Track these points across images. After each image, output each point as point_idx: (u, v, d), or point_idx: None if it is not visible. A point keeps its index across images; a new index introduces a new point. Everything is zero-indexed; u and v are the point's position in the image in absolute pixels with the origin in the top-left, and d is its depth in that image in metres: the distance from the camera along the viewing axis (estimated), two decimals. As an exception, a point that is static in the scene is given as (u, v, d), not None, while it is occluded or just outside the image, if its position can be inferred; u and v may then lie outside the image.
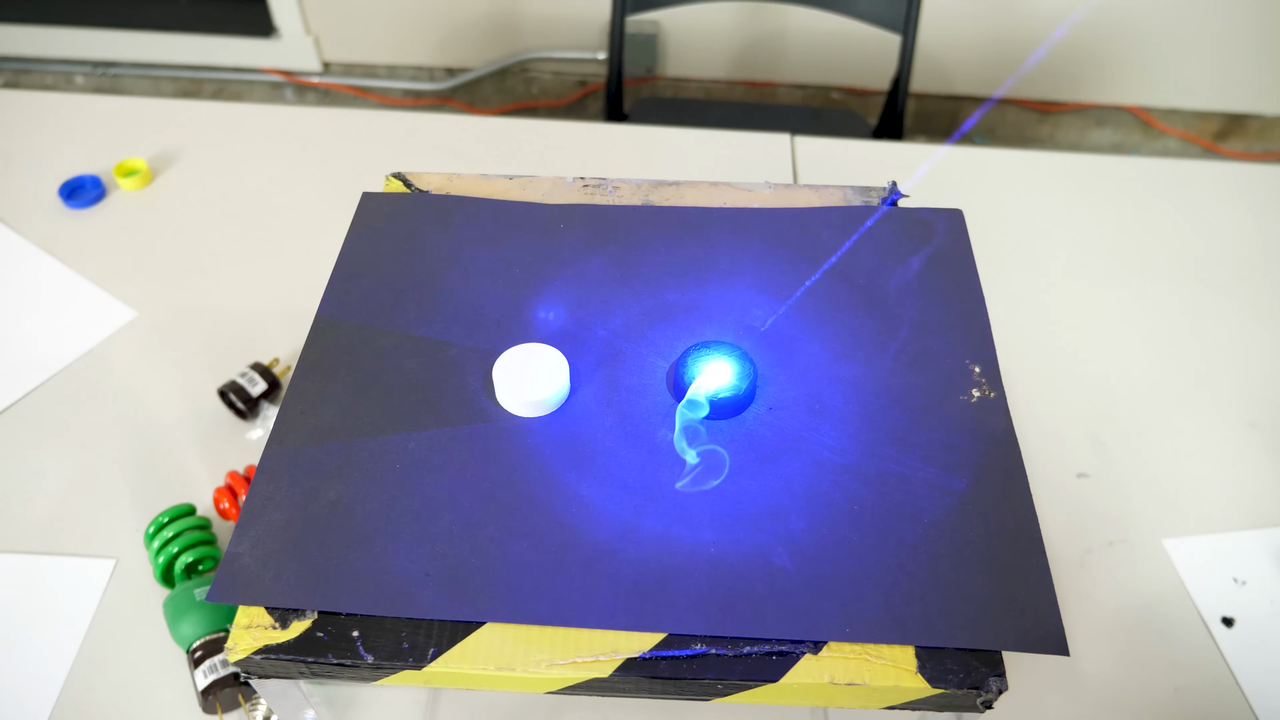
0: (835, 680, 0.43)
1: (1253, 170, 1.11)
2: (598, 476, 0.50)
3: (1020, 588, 0.46)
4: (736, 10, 2.05)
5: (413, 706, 0.69)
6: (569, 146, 1.13)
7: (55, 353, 0.90)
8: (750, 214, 0.64)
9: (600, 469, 0.50)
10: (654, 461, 0.50)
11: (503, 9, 2.12)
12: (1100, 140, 2.17)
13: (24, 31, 2.22)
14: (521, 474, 0.50)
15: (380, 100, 2.25)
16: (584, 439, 0.51)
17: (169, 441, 0.83)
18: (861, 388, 0.54)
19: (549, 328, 0.57)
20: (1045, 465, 0.82)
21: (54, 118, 1.15)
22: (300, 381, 0.54)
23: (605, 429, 0.52)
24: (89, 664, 0.70)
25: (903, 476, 0.50)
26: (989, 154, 1.14)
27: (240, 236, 1.02)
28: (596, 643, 0.44)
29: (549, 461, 0.50)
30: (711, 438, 0.51)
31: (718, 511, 0.48)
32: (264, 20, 2.18)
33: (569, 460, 0.50)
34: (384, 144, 1.13)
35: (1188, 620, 0.73)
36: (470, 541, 0.47)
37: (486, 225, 0.63)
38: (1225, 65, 2.05)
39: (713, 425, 0.52)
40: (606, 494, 0.49)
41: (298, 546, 0.47)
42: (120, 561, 0.75)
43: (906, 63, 1.38)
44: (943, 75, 2.12)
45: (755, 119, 1.62)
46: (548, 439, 0.51)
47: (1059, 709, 0.69)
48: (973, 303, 0.58)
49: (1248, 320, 0.95)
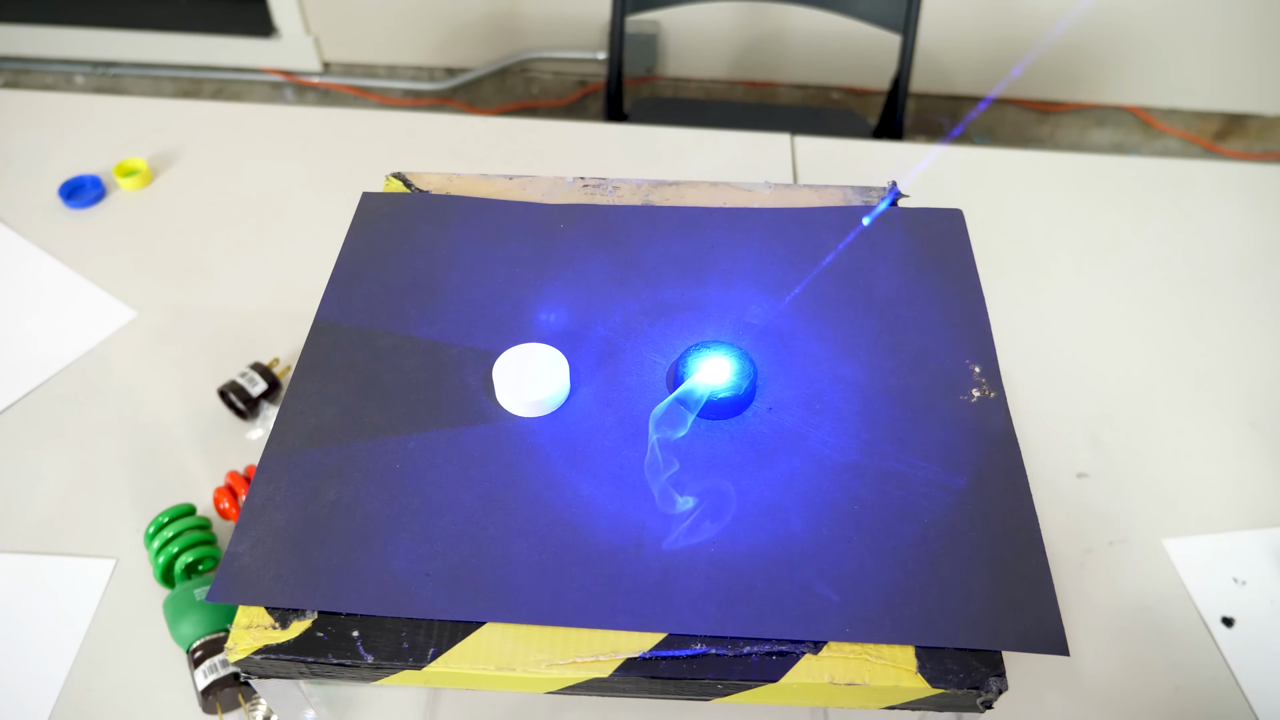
0: (835, 680, 0.43)
1: (1253, 170, 1.11)
2: (598, 476, 0.50)
3: (1020, 588, 0.46)
4: (736, 10, 2.05)
5: (413, 706, 0.69)
6: (569, 146, 1.13)
7: (55, 353, 0.90)
8: (750, 214, 0.64)
9: (600, 469, 0.50)
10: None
11: (503, 9, 2.12)
12: (1100, 140, 2.17)
13: (24, 31, 2.22)
14: (521, 474, 0.50)
15: (380, 100, 2.25)
16: (584, 439, 0.51)
17: (169, 441, 0.83)
18: (861, 387, 0.54)
19: (549, 328, 0.57)
20: (1045, 465, 0.82)
21: (54, 118, 1.15)
22: (300, 382, 0.54)
23: (605, 429, 0.52)
24: (89, 664, 0.70)
25: (903, 476, 0.50)
26: (989, 154, 1.14)
27: (240, 236, 1.02)
28: (596, 643, 0.44)
29: (549, 461, 0.50)
30: (711, 438, 0.51)
31: (718, 511, 0.48)
32: (264, 20, 2.18)
33: (569, 460, 0.50)
34: (384, 144, 1.13)
35: (1188, 620, 0.73)
36: (470, 541, 0.47)
37: (486, 225, 0.63)
38: (1225, 65, 2.05)
39: (713, 425, 0.52)
40: (606, 494, 0.49)
41: (298, 546, 0.47)
42: (120, 561, 0.75)
43: (906, 63, 1.38)
44: (943, 75, 2.12)
45: (755, 119, 1.62)
46: (548, 439, 0.51)
47: (1059, 709, 0.69)
48: (973, 303, 0.58)
49: (1248, 320, 0.95)
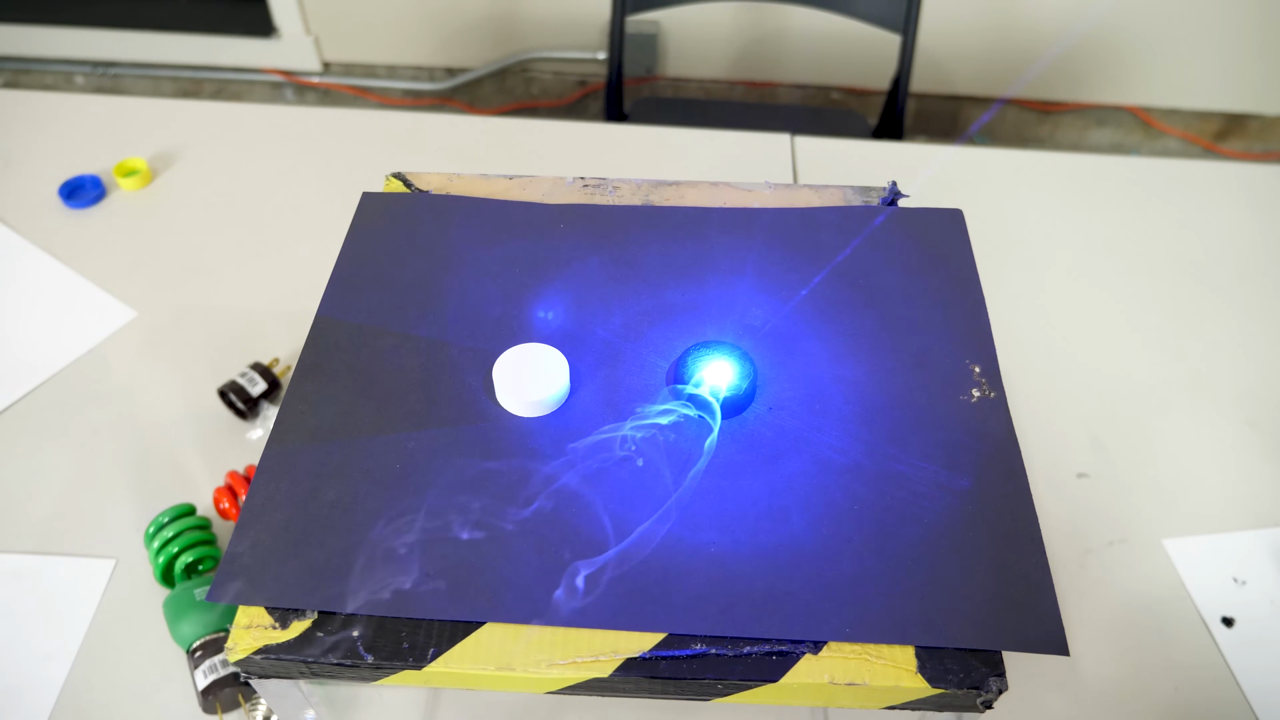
0: (835, 680, 0.43)
1: (1253, 170, 1.11)
2: (598, 476, 0.50)
3: (1020, 588, 0.46)
4: (736, 10, 2.05)
5: (413, 706, 0.69)
6: (569, 146, 1.13)
7: (55, 353, 0.90)
8: (750, 214, 0.64)
9: (600, 469, 0.50)
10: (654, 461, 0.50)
11: (503, 9, 2.12)
12: (1100, 140, 2.17)
13: (24, 31, 2.22)
14: (521, 474, 0.50)
15: (380, 100, 2.25)
16: (584, 439, 0.51)
17: (169, 441, 0.83)
18: (862, 387, 0.54)
19: (549, 328, 0.57)
20: (1045, 465, 0.82)
21: (54, 118, 1.15)
22: (300, 381, 0.54)
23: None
24: (89, 664, 0.70)
25: (903, 476, 0.50)
26: (989, 154, 1.14)
27: (240, 236, 1.02)
28: (596, 643, 0.44)
29: (549, 461, 0.50)
30: (712, 437, 0.51)
31: (718, 511, 0.48)
32: (264, 20, 2.18)
33: (569, 460, 0.50)
34: (384, 144, 1.13)
35: (1188, 620, 0.73)
36: (470, 541, 0.47)
37: (486, 225, 0.63)
38: (1225, 65, 2.05)
39: (712, 425, 0.52)
40: (607, 494, 0.49)
41: (298, 546, 0.47)
42: (120, 561, 0.75)
43: (906, 63, 1.38)
44: (943, 75, 2.12)
45: (755, 119, 1.62)
46: (548, 439, 0.51)
47: (1059, 709, 0.69)
48: (973, 303, 0.58)
49: (1248, 320, 0.95)
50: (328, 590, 0.45)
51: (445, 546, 0.47)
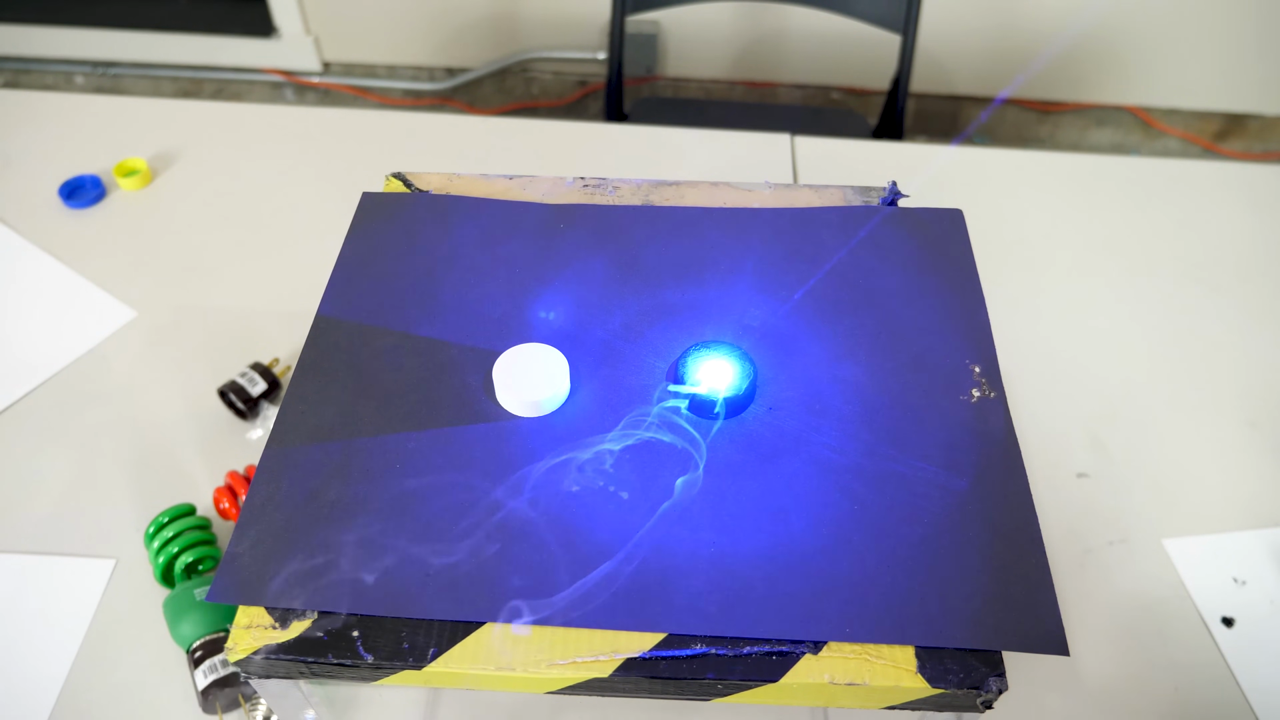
0: (835, 680, 0.43)
1: (1253, 170, 1.11)
2: (598, 476, 0.50)
3: (1020, 588, 0.46)
4: (736, 10, 2.05)
5: (413, 706, 0.69)
6: (569, 146, 1.13)
7: (55, 353, 0.90)
8: (750, 214, 0.64)
9: (600, 469, 0.50)
10: (654, 461, 0.50)
11: (503, 9, 2.12)
12: (1100, 140, 2.17)
13: (24, 31, 2.22)
14: (521, 474, 0.50)
15: (380, 100, 2.25)
16: (584, 439, 0.51)
17: (169, 441, 0.83)
18: (861, 387, 0.54)
19: (549, 328, 0.57)
20: (1045, 465, 0.82)
21: (54, 118, 1.15)
22: (300, 381, 0.54)
23: (605, 429, 0.52)
24: (89, 664, 0.70)
25: (903, 476, 0.50)
26: (989, 154, 1.14)
27: (240, 236, 1.02)
28: (596, 643, 0.44)
29: (549, 462, 0.50)
30: (711, 438, 0.51)
31: (718, 511, 0.48)
32: (264, 20, 2.18)
33: (569, 460, 0.50)
34: (384, 144, 1.13)
35: (1188, 620, 0.73)
36: (470, 542, 0.47)
37: (486, 225, 0.63)
38: (1225, 65, 2.05)
39: (712, 425, 0.52)
40: (607, 494, 0.49)
41: (298, 546, 0.47)
42: (120, 561, 0.75)
43: (906, 63, 1.38)
44: (943, 75, 2.12)
45: (755, 119, 1.62)
46: (548, 439, 0.51)
47: (1059, 709, 0.69)
48: (973, 303, 0.58)
49: (1248, 320, 0.95)
50: (328, 590, 0.45)
51: (445, 546, 0.47)
